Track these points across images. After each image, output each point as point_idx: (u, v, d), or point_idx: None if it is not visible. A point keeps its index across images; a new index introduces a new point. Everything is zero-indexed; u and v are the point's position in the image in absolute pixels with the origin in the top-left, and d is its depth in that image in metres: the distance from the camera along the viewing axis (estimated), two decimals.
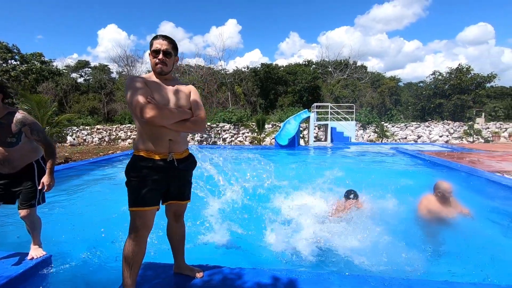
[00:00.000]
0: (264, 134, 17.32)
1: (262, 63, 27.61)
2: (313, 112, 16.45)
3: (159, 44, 1.81)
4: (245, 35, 57.99)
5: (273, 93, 26.94)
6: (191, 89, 1.95)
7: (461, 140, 18.19)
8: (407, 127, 19.08)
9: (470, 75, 22.91)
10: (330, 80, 28.83)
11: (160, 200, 1.89)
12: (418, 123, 19.61)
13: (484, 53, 62.83)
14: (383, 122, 19.34)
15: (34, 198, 2.43)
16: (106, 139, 19.02)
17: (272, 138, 15.59)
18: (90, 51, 55.55)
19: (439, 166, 7.31)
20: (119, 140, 18.79)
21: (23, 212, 2.39)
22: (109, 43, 53.86)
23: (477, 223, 3.52)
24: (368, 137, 18.89)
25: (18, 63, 27.10)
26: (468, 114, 23.22)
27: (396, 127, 19.12)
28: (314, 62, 32.25)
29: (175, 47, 1.87)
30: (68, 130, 18.72)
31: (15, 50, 27.02)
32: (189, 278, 2.08)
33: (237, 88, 26.24)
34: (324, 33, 55.38)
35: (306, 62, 32.04)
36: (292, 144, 12.97)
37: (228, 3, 58.18)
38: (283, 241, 2.86)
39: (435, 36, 69.62)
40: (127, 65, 27.06)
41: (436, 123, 19.31)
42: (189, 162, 1.96)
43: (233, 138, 18.37)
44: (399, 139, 18.61)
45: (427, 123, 19.41)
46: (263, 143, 17.06)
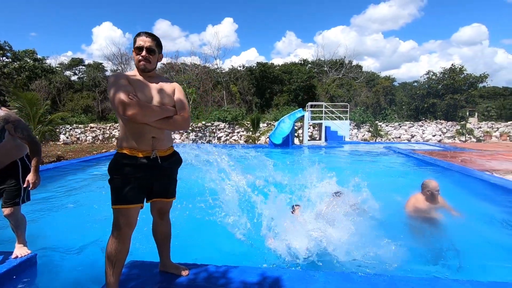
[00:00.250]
0: (259, 133, 17.33)
1: (258, 62, 27.54)
2: (307, 111, 16.50)
3: (143, 41, 1.80)
4: (242, 34, 57.98)
5: (269, 92, 26.91)
6: (175, 86, 1.94)
7: (454, 140, 18.40)
8: (401, 126, 19.24)
9: (463, 75, 23.13)
10: (325, 80, 28.85)
11: (144, 198, 1.87)
12: (412, 122, 19.79)
13: (478, 53, 63.73)
14: (377, 122, 19.47)
15: (18, 196, 2.41)
16: (100, 137, 18.89)
17: (267, 137, 15.60)
18: (85, 49, 54.67)
19: (432, 165, 7.38)
20: (113, 139, 18.66)
21: (7, 211, 2.37)
22: (104, 41, 53.43)
23: (463, 221, 3.57)
24: (362, 136, 18.99)
25: (10, 60, 26.69)
26: (461, 113, 23.47)
27: (390, 126, 19.27)
28: (310, 62, 32.23)
29: (159, 44, 1.86)
30: (61, 128, 18.53)
31: (6, 47, 26.59)
32: (174, 276, 2.07)
33: (232, 87, 26.17)
34: (320, 33, 55.61)
35: (302, 61, 32.05)
36: (286, 143, 13.00)
37: (225, 1, 57.99)
38: (268, 239, 2.86)
39: (430, 36, 70.32)
40: (121, 63, 26.81)
41: (429, 123, 19.50)
42: (173, 159, 1.94)
43: (228, 137, 18.36)
44: (393, 138, 18.76)
45: (420, 123, 19.59)
46: (258, 142, 17.07)
